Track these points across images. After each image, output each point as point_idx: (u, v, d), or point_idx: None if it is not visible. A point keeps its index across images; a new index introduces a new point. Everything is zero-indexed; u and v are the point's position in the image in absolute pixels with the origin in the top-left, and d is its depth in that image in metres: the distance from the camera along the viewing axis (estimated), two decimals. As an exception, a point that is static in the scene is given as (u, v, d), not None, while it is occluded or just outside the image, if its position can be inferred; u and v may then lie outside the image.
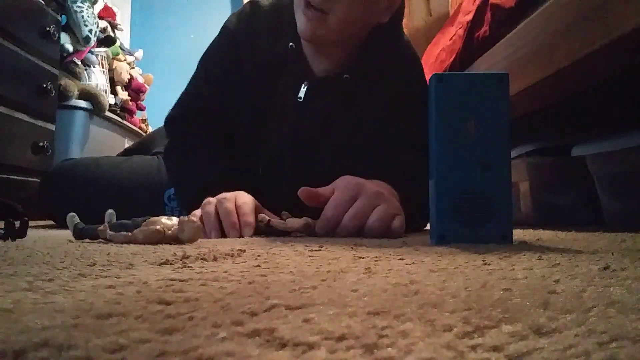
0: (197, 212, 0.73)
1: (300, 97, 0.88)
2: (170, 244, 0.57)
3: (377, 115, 0.89)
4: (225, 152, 0.91)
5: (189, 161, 0.89)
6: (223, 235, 0.70)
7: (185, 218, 0.58)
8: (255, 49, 0.91)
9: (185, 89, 0.98)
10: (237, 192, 0.75)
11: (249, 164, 0.94)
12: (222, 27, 0.96)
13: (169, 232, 0.58)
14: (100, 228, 0.60)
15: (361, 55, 0.89)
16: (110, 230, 0.60)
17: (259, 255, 0.43)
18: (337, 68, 0.89)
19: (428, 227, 0.61)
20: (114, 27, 2.24)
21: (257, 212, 0.73)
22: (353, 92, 0.89)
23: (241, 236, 0.69)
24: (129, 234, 0.58)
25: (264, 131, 0.92)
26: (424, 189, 0.83)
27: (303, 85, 0.89)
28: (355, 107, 0.90)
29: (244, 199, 0.73)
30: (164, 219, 0.60)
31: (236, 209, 0.71)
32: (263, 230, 0.71)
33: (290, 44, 0.88)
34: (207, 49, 0.98)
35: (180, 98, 0.98)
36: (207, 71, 0.96)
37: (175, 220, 0.60)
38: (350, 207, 0.66)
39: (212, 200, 0.73)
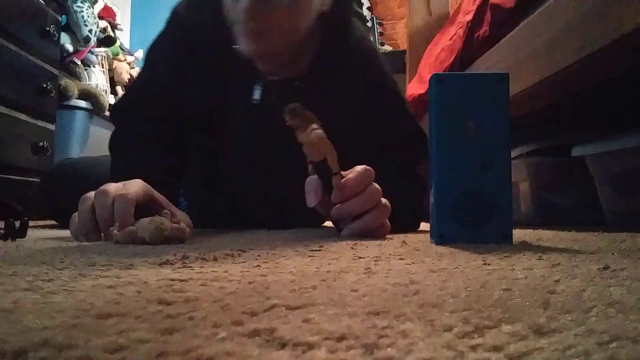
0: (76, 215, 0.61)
1: (255, 100, 0.84)
2: (170, 244, 0.57)
3: (343, 115, 0.84)
4: (158, 148, 0.81)
5: (119, 159, 0.82)
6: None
7: (147, 219, 0.56)
8: (204, 33, 0.85)
9: (134, 79, 0.94)
10: (128, 182, 0.62)
11: (211, 169, 0.90)
12: (171, 12, 0.90)
13: (167, 233, 0.58)
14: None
15: (312, 60, 0.83)
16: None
17: (259, 255, 0.43)
18: (287, 69, 0.82)
19: (428, 227, 0.61)
20: (114, 27, 2.24)
21: (152, 207, 0.62)
22: (310, 94, 0.79)
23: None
24: (132, 229, 0.58)
25: (224, 134, 0.87)
26: (403, 192, 0.81)
27: (255, 87, 0.84)
28: (318, 108, 0.86)
29: (126, 191, 0.59)
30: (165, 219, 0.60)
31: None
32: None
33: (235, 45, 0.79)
34: (156, 36, 0.91)
35: (127, 87, 0.94)
36: (153, 59, 0.90)
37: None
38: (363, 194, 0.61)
39: (90, 195, 0.60)
